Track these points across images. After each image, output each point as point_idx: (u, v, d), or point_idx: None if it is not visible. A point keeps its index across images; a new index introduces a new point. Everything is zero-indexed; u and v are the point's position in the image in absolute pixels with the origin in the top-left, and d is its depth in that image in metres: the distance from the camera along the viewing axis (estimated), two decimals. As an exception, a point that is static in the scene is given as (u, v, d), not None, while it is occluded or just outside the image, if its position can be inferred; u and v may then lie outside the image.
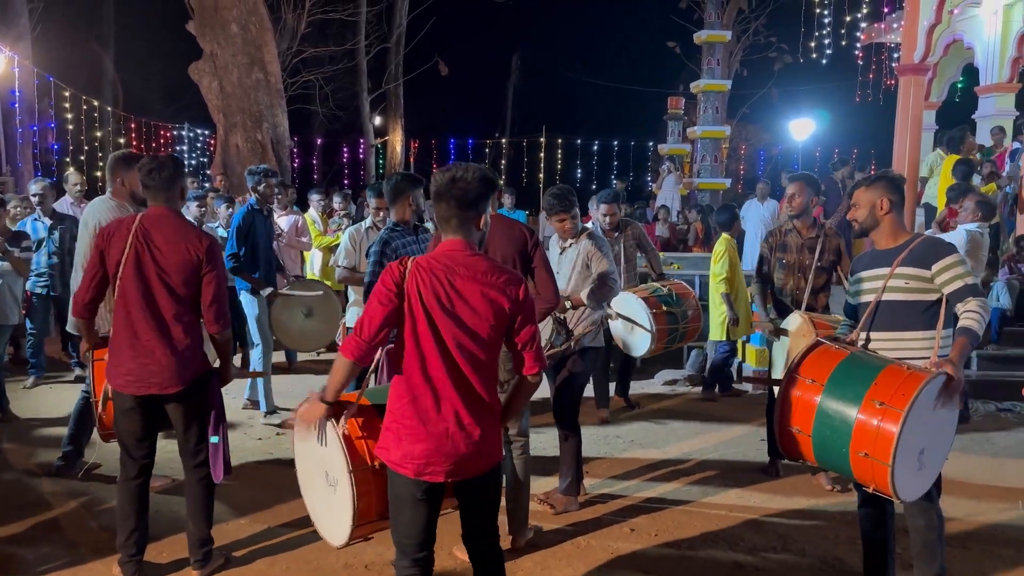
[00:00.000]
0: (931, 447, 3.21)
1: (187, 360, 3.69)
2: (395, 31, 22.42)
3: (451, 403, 2.77)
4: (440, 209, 2.86)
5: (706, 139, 17.57)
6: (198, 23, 13.62)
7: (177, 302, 3.67)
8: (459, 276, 2.79)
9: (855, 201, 3.64)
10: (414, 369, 2.78)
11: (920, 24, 11.32)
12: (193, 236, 3.72)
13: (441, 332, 2.76)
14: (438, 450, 2.76)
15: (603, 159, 28.00)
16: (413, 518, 2.86)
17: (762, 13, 22.85)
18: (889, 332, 3.48)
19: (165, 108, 23.90)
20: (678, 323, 6.28)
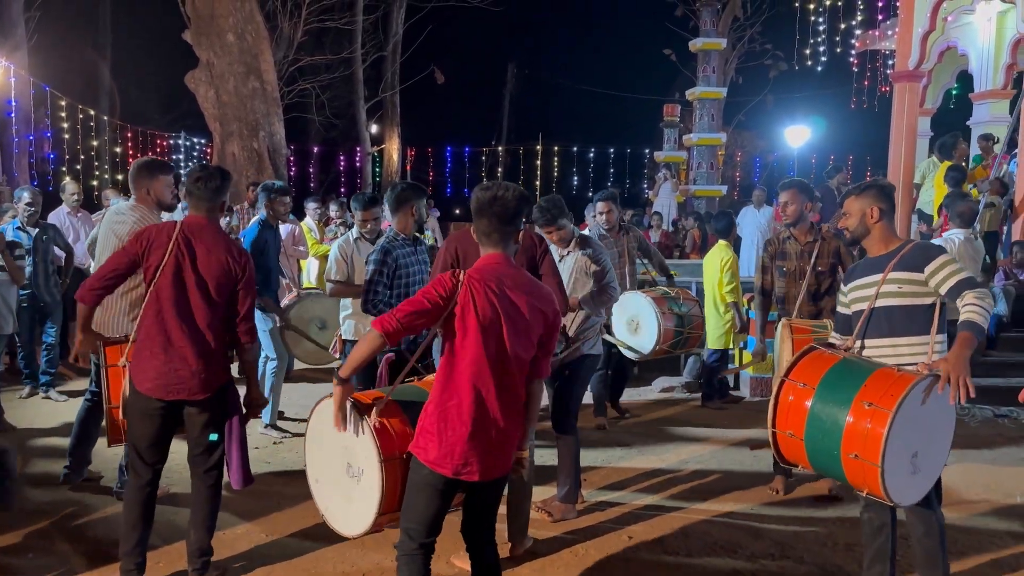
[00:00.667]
0: (926, 451, 3.20)
1: (215, 368, 3.75)
2: (391, 40, 22.48)
3: (494, 408, 2.94)
4: (482, 224, 3.04)
5: (702, 146, 17.64)
6: (194, 32, 13.64)
7: (211, 311, 3.73)
8: (508, 288, 2.97)
9: (846, 210, 3.67)
10: (464, 375, 2.92)
11: (914, 31, 11.37)
12: (233, 249, 3.83)
13: (494, 343, 2.93)
14: (478, 452, 2.93)
15: (599, 166, 28.05)
16: (430, 507, 3.00)
17: (757, 21, 22.91)
18: (884, 338, 3.48)
19: (161, 117, 23.91)
20: (683, 326, 6.25)
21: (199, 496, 3.87)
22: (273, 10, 17.48)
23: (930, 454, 3.24)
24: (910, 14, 11.46)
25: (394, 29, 22.48)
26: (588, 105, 32.85)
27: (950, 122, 13.98)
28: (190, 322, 3.69)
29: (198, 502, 3.87)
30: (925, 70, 11.79)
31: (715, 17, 18.57)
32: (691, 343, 6.49)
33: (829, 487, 5.19)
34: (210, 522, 3.87)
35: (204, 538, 3.85)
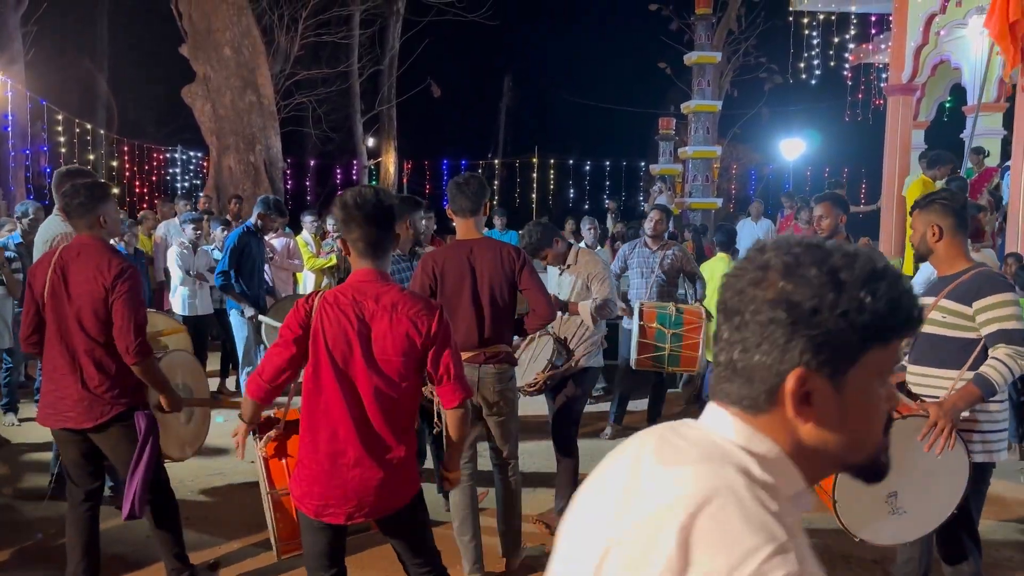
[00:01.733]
0: (914, 493, 3.03)
1: (100, 396, 3.56)
2: (388, 53, 22.55)
3: (352, 444, 2.70)
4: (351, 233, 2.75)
5: (697, 159, 17.68)
6: (191, 46, 13.69)
7: (87, 336, 3.54)
8: (368, 309, 2.70)
9: (913, 224, 3.45)
10: (316, 408, 2.73)
11: (907, 45, 11.44)
12: (104, 265, 3.52)
13: (346, 372, 2.69)
14: (336, 492, 2.72)
15: (595, 179, 28.12)
16: (315, 543, 2.86)
17: (752, 34, 23.05)
18: (923, 367, 3.34)
19: (158, 131, 23.93)
20: (666, 343, 6.11)
21: (150, 523, 3.79)
22: (270, 24, 17.53)
23: (922, 498, 3.06)
24: (903, 28, 11.54)
25: (391, 43, 22.56)
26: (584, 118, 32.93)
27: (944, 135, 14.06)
28: (69, 350, 3.55)
29: (153, 528, 3.80)
30: (918, 83, 11.85)
31: (710, 31, 18.66)
32: (683, 362, 6.23)
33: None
34: (169, 545, 3.79)
35: (171, 560, 3.80)
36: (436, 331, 2.74)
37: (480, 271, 3.91)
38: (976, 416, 3.21)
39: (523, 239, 5.01)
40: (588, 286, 4.85)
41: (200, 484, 5.45)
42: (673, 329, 6.14)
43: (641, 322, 6.12)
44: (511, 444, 4.12)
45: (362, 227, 2.73)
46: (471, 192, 3.98)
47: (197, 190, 19.00)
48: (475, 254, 3.93)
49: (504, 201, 25.50)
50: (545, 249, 4.95)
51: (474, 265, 3.92)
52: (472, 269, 3.91)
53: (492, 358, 3.94)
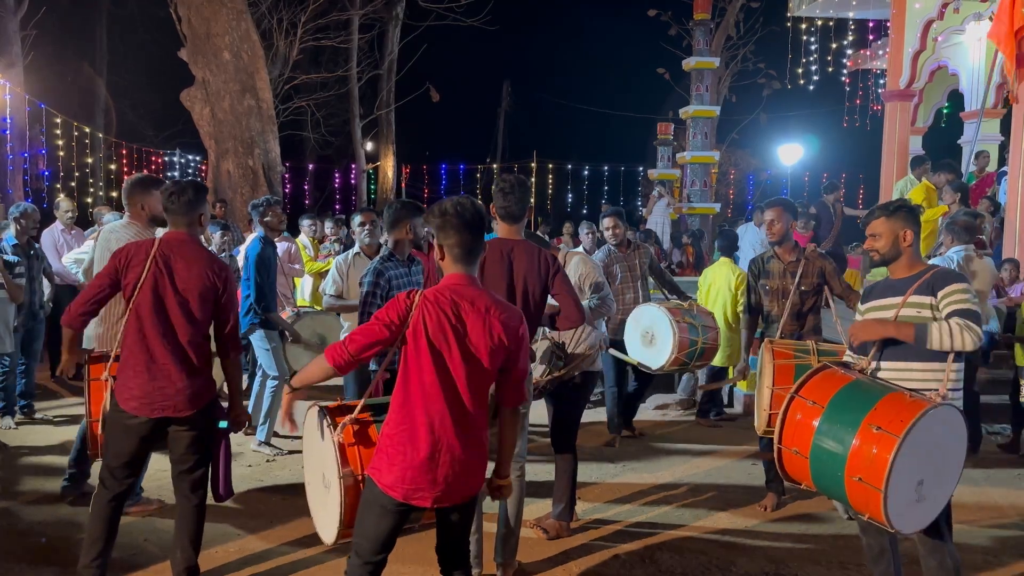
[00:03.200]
0: (932, 479, 3.16)
1: (200, 384, 3.74)
2: (387, 58, 22.57)
3: (446, 435, 2.88)
4: (449, 239, 2.96)
5: (695, 164, 17.70)
6: (190, 50, 13.69)
7: (193, 327, 3.72)
8: (464, 310, 2.89)
9: (875, 231, 3.57)
10: (415, 400, 2.89)
11: (905, 51, 11.48)
12: (214, 263, 3.80)
13: (445, 365, 2.87)
14: (428, 478, 2.88)
15: (593, 184, 28.16)
16: (379, 525, 2.97)
17: (750, 40, 23.10)
18: (898, 362, 3.44)
19: (157, 134, 23.95)
20: (699, 336, 6.09)
21: (184, 514, 3.84)
22: (269, 29, 17.55)
23: (936, 483, 3.19)
24: (900, 34, 11.58)
25: (389, 48, 22.58)
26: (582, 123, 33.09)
27: (941, 141, 14.10)
28: (172, 339, 3.68)
29: (183, 520, 3.85)
30: (916, 89, 11.89)
31: (708, 36, 18.69)
32: (707, 355, 6.27)
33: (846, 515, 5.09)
34: (196, 540, 3.85)
35: (191, 556, 3.83)
36: (523, 335, 2.98)
37: (517, 270, 4.04)
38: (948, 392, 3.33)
39: None
40: (582, 288, 4.84)
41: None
42: (702, 323, 6.18)
43: (675, 319, 6.06)
44: (521, 445, 4.15)
45: (460, 234, 2.94)
46: (518, 198, 4.13)
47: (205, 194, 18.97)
48: (515, 253, 4.07)
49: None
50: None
51: (512, 263, 4.05)
52: (510, 267, 4.04)
53: None
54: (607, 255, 6.79)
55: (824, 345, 4.95)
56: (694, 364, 6.34)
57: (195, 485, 3.84)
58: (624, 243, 6.79)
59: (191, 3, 13.33)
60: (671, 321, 6.03)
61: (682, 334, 6.03)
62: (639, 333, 6.29)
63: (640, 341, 6.30)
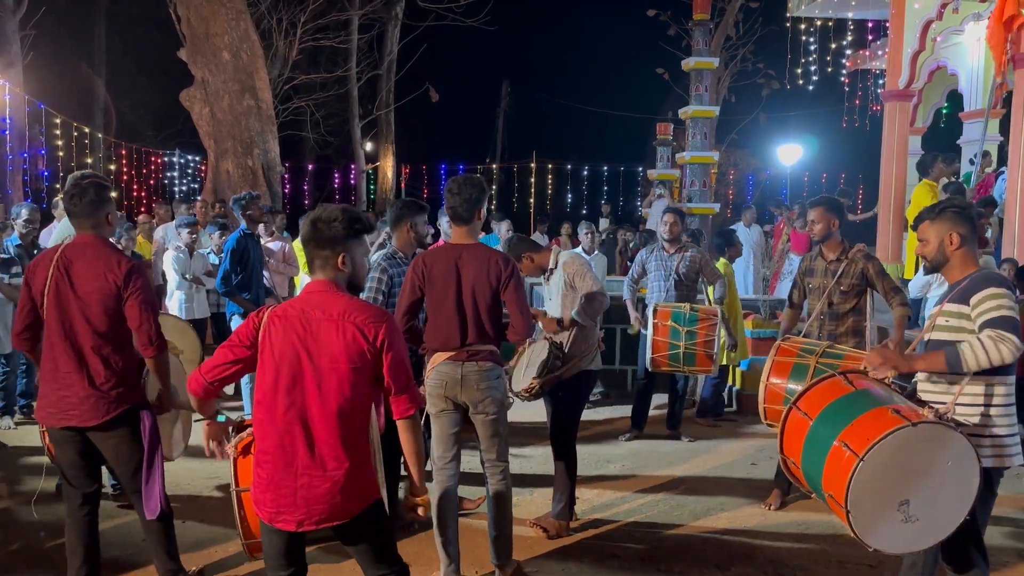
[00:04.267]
0: (924, 500, 3.00)
1: (106, 393, 3.59)
2: (386, 58, 22.57)
3: (301, 453, 2.75)
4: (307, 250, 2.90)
5: (695, 164, 17.68)
6: (189, 50, 13.69)
7: (96, 334, 3.57)
8: (315, 319, 2.78)
9: (922, 236, 3.40)
10: (265, 420, 2.80)
11: (904, 51, 11.47)
12: (113, 263, 3.59)
13: (294, 383, 2.76)
14: (286, 500, 2.76)
15: (593, 184, 28.14)
16: (270, 544, 2.90)
17: (749, 40, 23.08)
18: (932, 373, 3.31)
19: (156, 135, 23.94)
20: (681, 340, 6.13)
21: (146, 528, 3.78)
22: (268, 29, 17.54)
23: (933, 505, 3.02)
24: (900, 34, 11.57)
25: (389, 48, 22.57)
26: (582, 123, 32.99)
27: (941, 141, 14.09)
28: (75, 347, 3.57)
29: (148, 530, 3.78)
30: (915, 89, 11.88)
31: (708, 36, 18.66)
32: (698, 361, 6.24)
33: None
34: (166, 547, 3.79)
35: (166, 562, 3.79)
36: (384, 339, 2.78)
37: (465, 276, 3.95)
38: (990, 419, 3.19)
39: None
40: (573, 286, 4.83)
41: (194, 487, 5.45)
42: (687, 327, 6.16)
43: (655, 320, 6.20)
44: (500, 446, 4.08)
45: (305, 244, 2.90)
46: (465, 198, 4.00)
47: (195, 194, 19.01)
48: (463, 258, 3.97)
49: (502, 206, 25.53)
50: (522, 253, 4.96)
51: (460, 270, 3.96)
52: (458, 273, 3.95)
53: (474, 356, 3.95)
54: (649, 251, 7.02)
55: (837, 348, 4.80)
56: (686, 368, 6.32)
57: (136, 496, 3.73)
58: (675, 241, 6.87)
59: (190, 3, 13.34)
60: (651, 323, 6.23)
61: (657, 336, 6.19)
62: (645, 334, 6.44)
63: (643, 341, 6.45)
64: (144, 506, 3.71)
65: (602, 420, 7.62)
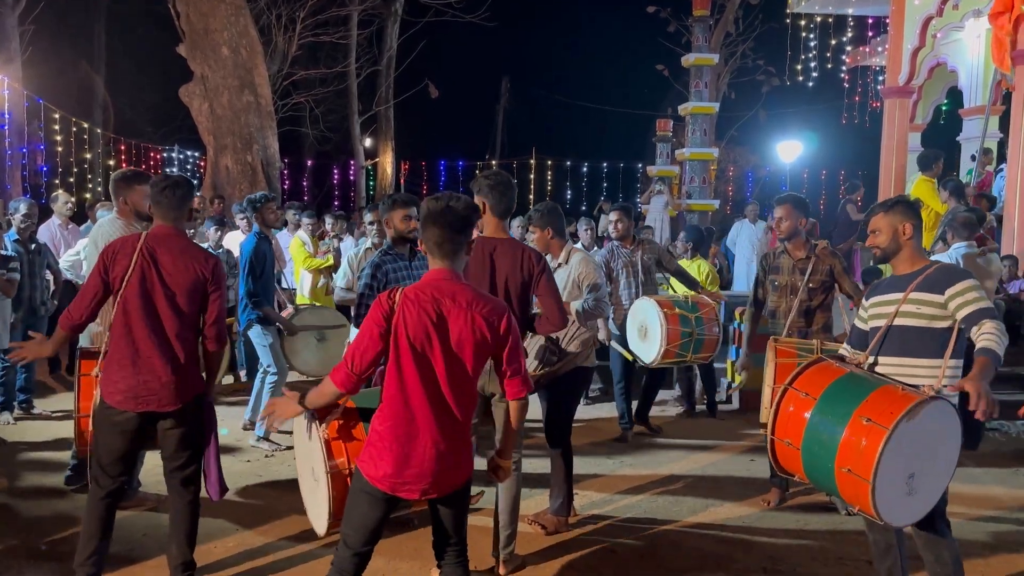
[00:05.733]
0: (923, 473, 3.15)
1: (187, 378, 3.73)
2: (385, 54, 22.55)
3: (429, 430, 2.93)
4: (432, 235, 3.00)
5: (694, 161, 17.69)
6: (189, 46, 13.68)
7: (180, 321, 3.71)
8: (445, 306, 2.92)
9: (874, 227, 3.55)
10: (397, 397, 2.94)
11: (904, 48, 11.48)
12: (200, 256, 3.79)
13: (426, 363, 2.91)
14: (414, 472, 2.93)
15: (592, 181, 28.13)
16: (368, 517, 3.02)
17: (749, 37, 23.09)
18: (897, 358, 3.43)
19: (155, 130, 23.92)
20: (692, 327, 6.12)
21: (178, 511, 3.83)
22: (268, 24, 17.53)
23: (928, 478, 3.19)
24: (900, 31, 11.58)
25: (388, 44, 22.55)
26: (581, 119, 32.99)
27: (941, 137, 14.08)
28: (159, 332, 3.67)
29: (178, 517, 3.83)
30: (915, 86, 11.89)
31: (707, 33, 18.67)
32: (706, 347, 6.27)
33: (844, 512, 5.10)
34: (191, 536, 3.84)
35: (187, 552, 3.82)
36: (506, 329, 2.99)
37: (499, 267, 4.06)
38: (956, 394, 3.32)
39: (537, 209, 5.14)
40: (580, 286, 4.85)
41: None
42: (695, 313, 6.17)
43: (664, 311, 6.12)
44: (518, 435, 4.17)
45: (435, 228, 2.98)
46: (510, 195, 4.15)
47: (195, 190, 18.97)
48: (498, 252, 4.08)
49: (501, 202, 25.44)
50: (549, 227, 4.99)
51: (495, 261, 4.06)
52: (492, 264, 4.05)
53: None
54: (609, 252, 6.82)
55: (830, 344, 4.93)
56: (693, 356, 6.33)
57: (187, 481, 3.82)
58: (628, 238, 6.80)
59: (189, -1, 13.33)
60: (659, 313, 6.09)
61: (671, 325, 6.08)
62: (636, 327, 6.34)
63: (637, 335, 6.34)
64: (210, 489, 3.88)
65: (601, 417, 7.62)
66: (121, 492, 3.85)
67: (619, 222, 6.75)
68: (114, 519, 3.83)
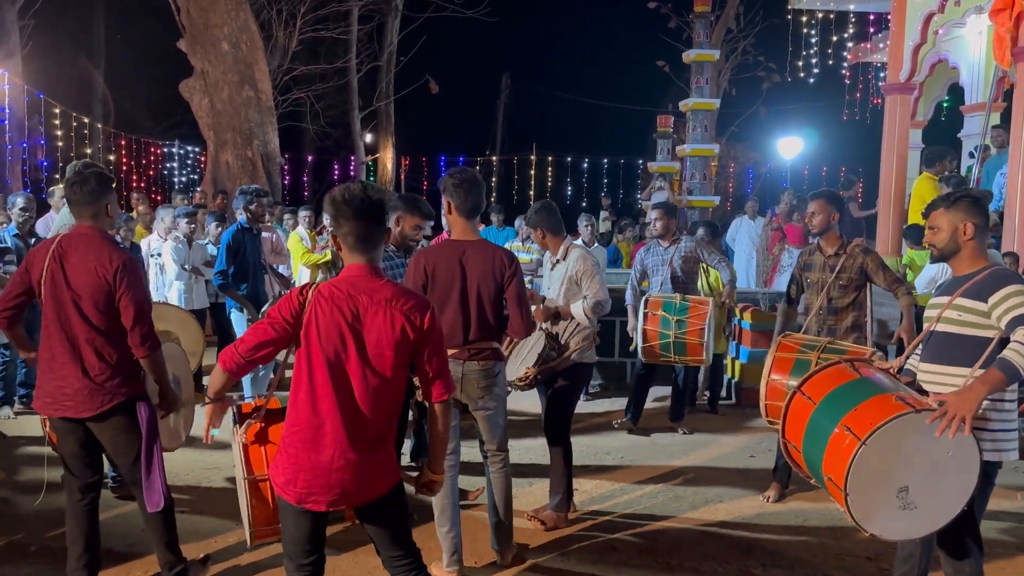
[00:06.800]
0: (925, 488, 3.01)
1: (100, 385, 3.57)
2: (386, 49, 22.51)
3: (338, 438, 2.75)
4: (342, 227, 2.80)
5: (695, 157, 17.66)
6: (189, 41, 13.66)
7: (88, 326, 3.56)
8: (362, 304, 2.76)
9: (934, 224, 3.36)
10: (304, 398, 2.78)
11: (905, 44, 11.45)
12: (105, 257, 3.55)
13: (338, 366, 2.75)
14: (320, 481, 2.76)
15: (593, 177, 28.12)
16: (296, 528, 2.87)
17: (750, 33, 23.03)
18: (935, 364, 3.31)
19: (155, 125, 23.91)
20: (671, 328, 6.15)
21: (147, 520, 3.76)
22: (268, 19, 17.50)
23: (933, 494, 3.03)
24: (901, 27, 11.55)
25: (389, 39, 22.52)
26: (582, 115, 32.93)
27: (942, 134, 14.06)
28: (69, 338, 3.56)
29: (148, 522, 3.77)
30: (916, 82, 11.85)
31: (708, 29, 18.62)
32: (690, 351, 6.23)
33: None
34: (166, 539, 3.77)
35: (166, 554, 3.78)
36: (429, 327, 2.81)
37: (470, 273, 3.95)
38: (987, 413, 3.18)
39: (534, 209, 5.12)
40: (578, 283, 4.83)
41: (195, 477, 5.46)
42: (677, 316, 6.18)
43: (646, 310, 6.26)
44: (500, 437, 4.17)
45: (351, 222, 2.78)
46: (476, 193, 4.03)
47: (194, 185, 18.98)
48: (467, 256, 3.97)
49: (502, 198, 25.51)
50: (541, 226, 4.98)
51: (465, 266, 3.96)
52: (463, 270, 3.95)
53: (476, 355, 3.98)
54: (647, 249, 7.00)
55: (838, 344, 4.80)
56: (678, 358, 6.34)
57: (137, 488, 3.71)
58: (667, 235, 6.86)
59: (190, -7, 13.31)
60: (642, 313, 6.28)
61: (648, 326, 6.24)
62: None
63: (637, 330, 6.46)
64: (145, 499, 3.69)
65: (601, 412, 7.62)
66: (94, 491, 3.75)
67: (659, 220, 6.87)
68: (98, 521, 3.78)
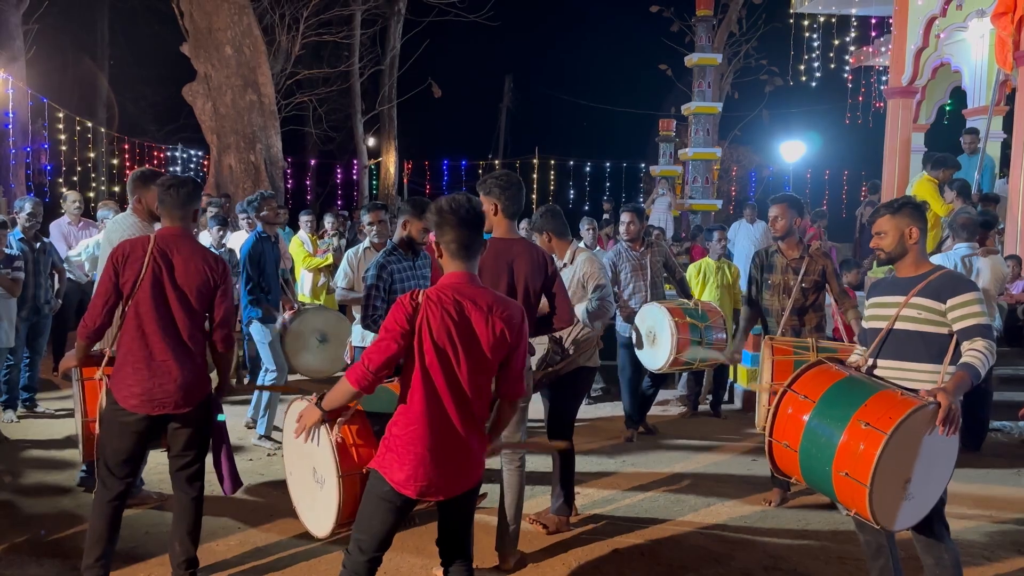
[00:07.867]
0: (921, 478, 3.15)
1: (199, 378, 3.76)
2: (389, 53, 22.54)
3: (453, 431, 2.93)
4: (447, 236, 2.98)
5: (697, 161, 17.70)
6: (192, 45, 13.69)
7: (192, 322, 3.74)
8: (467, 309, 2.93)
9: (880, 229, 3.53)
10: (421, 400, 2.92)
11: (908, 48, 11.47)
12: (210, 258, 3.82)
13: (449, 365, 2.91)
14: (440, 473, 2.93)
15: (595, 180, 28.12)
16: (385, 523, 3.00)
17: (752, 36, 23.06)
18: (896, 361, 3.44)
19: (159, 129, 23.95)
20: (701, 337, 6.07)
21: (183, 507, 3.85)
22: (271, 24, 17.53)
23: (925, 483, 3.19)
24: (903, 31, 11.57)
25: (392, 43, 22.55)
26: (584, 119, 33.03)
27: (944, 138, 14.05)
28: (173, 334, 3.69)
29: (182, 513, 3.85)
30: (919, 86, 11.87)
31: (711, 32, 18.68)
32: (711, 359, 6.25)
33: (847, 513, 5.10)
34: (195, 533, 3.86)
35: (190, 549, 3.83)
36: (522, 332, 3.04)
37: (518, 269, 4.07)
38: None
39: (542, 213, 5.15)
40: (584, 286, 4.86)
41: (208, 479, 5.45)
42: (704, 322, 6.14)
43: (675, 319, 6.01)
44: (521, 433, 4.26)
45: (455, 230, 2.96)
46: (521, 196, 4.16)
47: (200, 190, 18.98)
48: (515, 253, 4.10)
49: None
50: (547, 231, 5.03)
51: (513, 264, 4.07)
52: (511, 268, 4.06)
53: None
54: (616, 253, 6.80)
55: (824, 343, 4.99)
56: (699, 364, 6.31)
57: (192, 478, 3.84)
58: (638, 240, 6.78)
59: (193, -2, 13.33)
60: (671, 322, 5.99)
61: (682, 335, 5.99)
62: (644, 332, 6.28)
63: (645, 339, 6.29)
64: (226, 482, 3.93)
65: (603, 416, 7.63)
66: (127, 493, 3.84)
67: (631, 224, 6.74)
68: (121, 521, 3.82)
